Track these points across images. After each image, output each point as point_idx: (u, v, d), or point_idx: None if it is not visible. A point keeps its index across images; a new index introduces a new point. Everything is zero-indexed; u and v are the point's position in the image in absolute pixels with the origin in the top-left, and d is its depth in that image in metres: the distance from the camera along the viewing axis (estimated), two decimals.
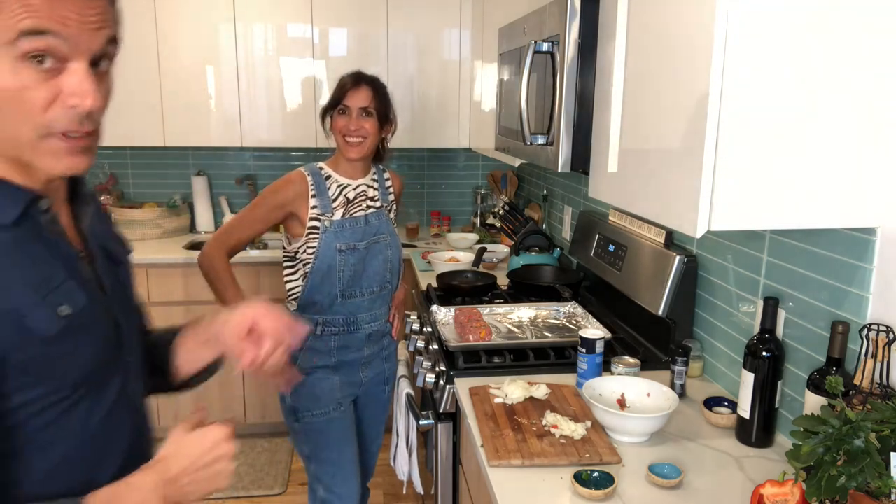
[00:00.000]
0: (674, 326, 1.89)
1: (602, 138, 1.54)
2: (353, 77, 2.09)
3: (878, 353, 1.13)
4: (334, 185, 2.10)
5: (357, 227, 2.09)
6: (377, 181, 2.21)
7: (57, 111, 0.78)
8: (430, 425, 1.89)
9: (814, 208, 1.17)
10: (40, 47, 0.74)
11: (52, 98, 0.77)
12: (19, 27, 0.72)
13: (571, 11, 1.58)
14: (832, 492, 0.98)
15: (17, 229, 0.83)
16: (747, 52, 1.09)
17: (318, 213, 2.05)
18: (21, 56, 0.74)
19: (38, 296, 0.82)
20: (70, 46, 0.76)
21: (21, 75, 0.75)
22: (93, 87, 0.78)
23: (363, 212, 2.12)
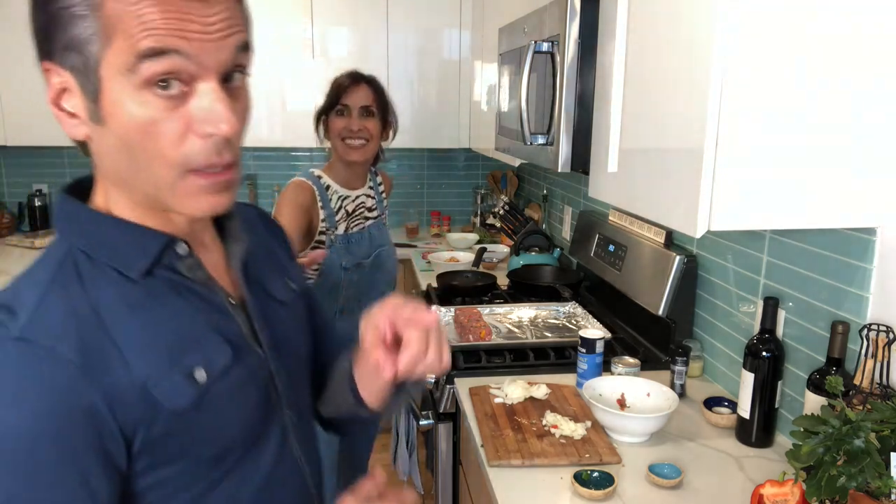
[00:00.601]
0: (674, 326, 1.89)
1: (602, 138, 1.54)
2: (350, 76, 1.97)
3: (878, 353, 1.13)
4: (335, 196, 1.98)
5: (362, 243, 1.99)
6: (373, 189, 2.12)
7: (192, 144, 0.66)
8: (430, 425, 1.89)
9: (814, 208, 1.16)
10: (163, 70, 0.63)
11: (185, 129, 0.65)
12: (137, 49, 0.62)
13: (571, 11, 1.58)
14: (832, 492, 0.98)
15: (150, 280, 0.71)
16: (747, 52, 1.09)
17: (325, 226, 1.95)
18: (144, 83, 0.63)
19: (170, 359, 0.69)
20: (196, 64, 0.64)
21: (147, 106, 0.64)
22: (227, 110, 0.65)
23: (362, 224, 2.02)
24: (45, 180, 3.77)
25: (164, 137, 0.65)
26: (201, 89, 0.65)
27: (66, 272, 0.68)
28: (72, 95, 0.66)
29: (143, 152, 0.66)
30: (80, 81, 0.65)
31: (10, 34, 3.24)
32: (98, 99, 0.65)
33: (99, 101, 0.65)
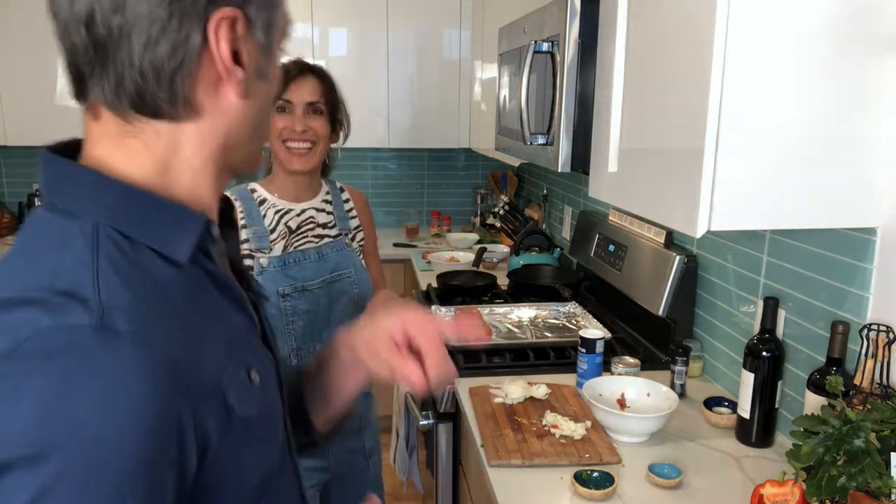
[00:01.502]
0: (674, 326, 1.89)
1: (602, 138, 1.54)
2: (295, 65, 1.59)
3: (878, 353, 1.13)
4: (271, 210, 1.61)
5: (306, 263, 1.61)
6: (331, 203, 1.71)
7: None
8: (430, 425, 1.89)
9: (814, 208, 1.17)
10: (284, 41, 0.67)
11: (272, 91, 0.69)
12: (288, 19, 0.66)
13: (571, 11, 1.58)
14: (832, 492, 0.98)
15: (192, 268, 0.61)
16: (747, 52, 1.09)
17: (251, 249, 1.57)
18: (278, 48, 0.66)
19: (234, 360, 0.60)
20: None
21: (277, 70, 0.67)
22: None
23: (313, 243, 1.63)
24: None
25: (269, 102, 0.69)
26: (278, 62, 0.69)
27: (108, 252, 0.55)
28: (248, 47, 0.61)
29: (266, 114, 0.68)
30: (262, 37, 0.62)
31: (11, 34, 3.24)
32: (270, 57, 0.65)
33: (270, 59, 0.65)
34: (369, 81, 3.48)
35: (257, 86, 0.63)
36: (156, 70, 0.57)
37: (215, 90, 0.61)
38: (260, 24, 0.61)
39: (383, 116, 3.52)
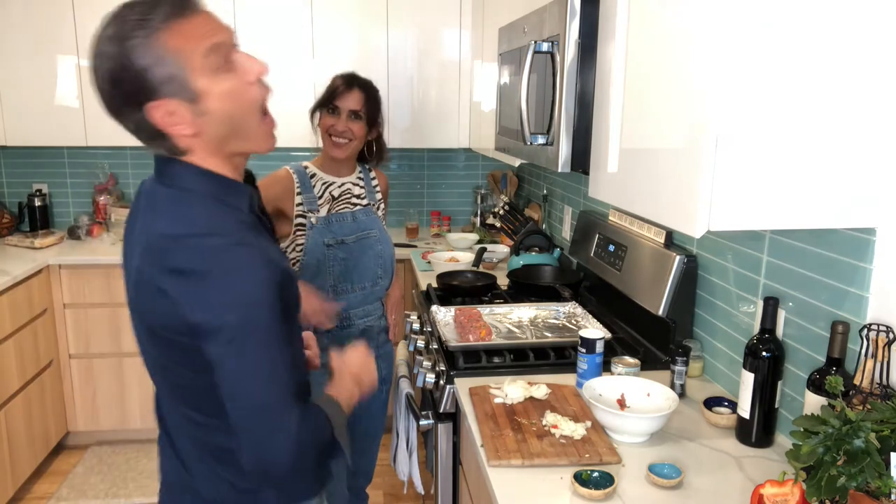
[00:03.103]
0: (674, 326, 1.89)
1: (602, 138, 1.54)
2: (345, 79, 2.09)
3: (878, 353, 1.14)
4: (319, 182, 2.13)
5: (344, 223, 2.12)
6: (363, 179, 2.23)
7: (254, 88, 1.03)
8: (430, 425, 1.89)
9: (814, 208, 1.17)
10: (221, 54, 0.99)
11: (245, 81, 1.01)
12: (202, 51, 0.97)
13: (571, 11, 1.58)
14: (832, 492, 0.98)
15: (251, 214, 1.09)
16: (747, 52, 1.09)
17: (305, 210, 2.07)
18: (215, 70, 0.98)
19: (283, 259, 1.08)
20: (227, 43, 1.00)
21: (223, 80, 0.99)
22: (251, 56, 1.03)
23: (350, 208, 2.15)
24: (45, 180, 3.77)
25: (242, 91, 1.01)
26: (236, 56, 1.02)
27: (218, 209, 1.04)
28: (176, 112, 0.98)
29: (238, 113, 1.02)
30: (181, 97, 0.97)
31: (11, 35, 3.24)
32: (198, 99, 0.98)
33: (198, 100, 0.98)
34: None
35: (201, 119, 1.00)
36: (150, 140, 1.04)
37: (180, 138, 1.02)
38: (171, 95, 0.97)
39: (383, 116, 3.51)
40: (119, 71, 0.95)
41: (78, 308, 3.28)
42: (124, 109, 0.99)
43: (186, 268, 0.97)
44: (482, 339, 1.97)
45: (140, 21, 0.93)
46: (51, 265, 3.22)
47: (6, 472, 2.85)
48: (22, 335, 2.96)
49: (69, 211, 3.81)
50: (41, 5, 3.23)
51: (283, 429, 1.02)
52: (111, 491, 3.09)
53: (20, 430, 2.96)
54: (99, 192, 3.72)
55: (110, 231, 3.57)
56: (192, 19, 0.97)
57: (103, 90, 0.98)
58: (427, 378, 1.89)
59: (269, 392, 1.01)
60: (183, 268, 0.97)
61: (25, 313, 3.00)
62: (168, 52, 0.94)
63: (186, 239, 0.99)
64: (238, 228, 1.02)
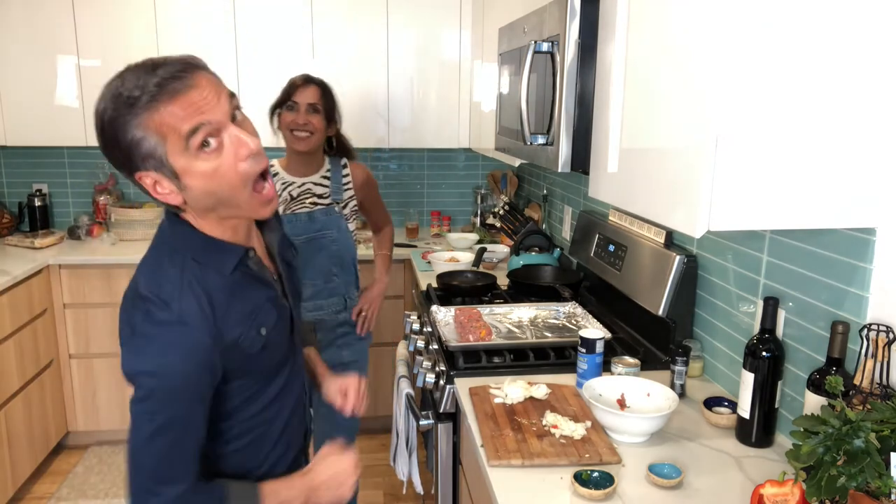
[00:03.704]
0: (674, 326, 1.89)
1: (602, 138, 1.54)
2: (301, 77, 2.22)
3: (878, 353, 1.14)
4: (279, 182, 2.25)
5: (297, 223, 2.21)
6: (330, 178, 2.30)
7: (242, 165, 1.03)
8: (430, 425, 1.89)
9: (814, 208, 1.17)
10: (202, 137, 0.99)
11: (233, 159, 1.02)
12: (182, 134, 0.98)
13: (571, 11, 1.58)
14: (832, 492, 0.98)
15: (234, 275, 1.11)
16: (747, 52, 1.09)
17: None
18: (196, 150, 1.00)
19: (248, 324, 1.11)
20: (215, 123, 1.00)
21: (205, 161, 1.01)
22: (246, 135, 1.03)
23: (308, 208, 2.24)
24: (45, 180, 3.77)
25: (227, 171, 1.03)
26: (226, 134, 1.02)
27: (188, 273, 1.06)
28: (161, 183, 1.03)
29: (221, 189, 1.04)
30: (162, 172, 1.01)
31: (11, 35, 3.24)
32: (178, 176, 1.01)
33: (179, 177, 1.02)
34: (369, 81, 3.48)
35: (185, 193, 1.04)
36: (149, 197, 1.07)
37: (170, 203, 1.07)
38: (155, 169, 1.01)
39: (383, 116, 3.52)
40: (110, 141, 1.00)
41: (78, 308, 3.28)
42: (121, 171, 1.04)
43: (134, 324, 1.04)
44: (482, 339, 1.97)
45: (129, 99, 0.97)
46: (51, 265, 3.22)
47: (6, 472, 2.85)
48: (22, 335, 2.96)
49: (69, 211, 3.81)
50: (41, 5, 3.23)
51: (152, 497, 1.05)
52: (111, 491, 3.09)
53: (20, 430, 2.96)
54: (99, 192, 3.72)
55: (110, 231, 3.57)
56: (179, 99, 0.97)
57: (105, 153, 1.03)
58: (427, 378, 1.89)
59: (152, 459, 1.04)
60: (133, 323, 1.04)
61: (25, 313, 3.00)
62: (149, 132, 0.98)
63: (146, 301, 1.04)
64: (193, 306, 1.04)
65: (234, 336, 1.09)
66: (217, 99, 1.01)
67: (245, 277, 1.13)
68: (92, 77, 3.29)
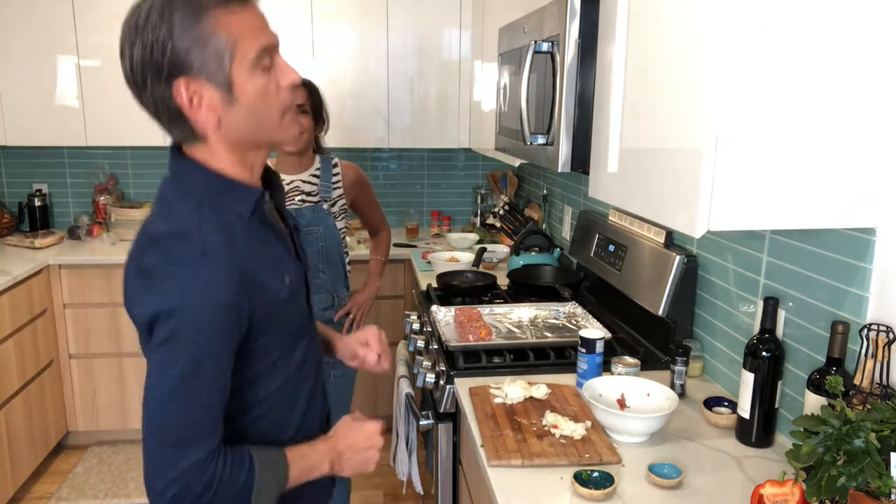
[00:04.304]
0: (674, 326, 1.89)
1: (602, 138, 1.54)
2: None
3: (878, 353, 1.14)
4: None
5: None
6: (319, 176, 2.34)
7: (283, 92, 1.02)
8: (430, 425, 1.89)
9: (814, 208, 1.17)
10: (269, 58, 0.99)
11: (277, 85, 1.01)
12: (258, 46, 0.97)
13: (571, 11, 1.58)
14: (832, 492, 0.98)
15: (252, 219, 1.06)
16: (747, 52, 1.09)
17: None
18: (256, 68, 0.98)
19: (273, 269, 1.05)
20: (276, 45, 1.02)
21: (257, 79, 0.98)
22: (291, 66, 1.04)
23: (296, 206, 2.28)
24: (45, 180, 3.77)
25: (272, 95, 1.01)
26: (277, 59, 1.03)
27: (206, 211, 1.00)
28: (204, 95, 0.96)
29: (263, 111, 1.01)
30: (214, 81, 0.96)
31: (11, 35, 3.23)
32: (230, 88, 0.96)
33: (231, 89, 0.97)
34: (369, 81, 3.48)
35: (227, 109, 0.98)
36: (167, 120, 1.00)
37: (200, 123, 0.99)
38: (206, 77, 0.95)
39: (383, 116, 3.52)
40: (161, 39, 0.91)
41: (78, 308, 3.28)
42: (151, 82, 0.94)
43: (149, 268, 0.96)
44: (482, 339, 1.97)
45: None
46: (51, 265, 3.22)
47: (6, 472, 2.85)
48: (22, 335, 2.96)
49: (69, 211, 3.81)
50: (41, 5, 3.22)
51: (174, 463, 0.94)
52: (111, 491, 3.09)
53: (20, 430, 2.96)
54: (99, 192, 3.72)
55: (110, 231, 3.57)
56: (252, 9, 0.97)
57: (134, 58, 0.94)
58: (427, 378, 1.89)
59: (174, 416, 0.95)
60: (146, 267, 0.97)
61: (25, 313, 3.00)
62: (222, 30, 0.93)
63: (160, 241, 0.97)
64: (215, 238, 0.98)
65: (261, 279, 1.01)
66: (269, 27, 1.01)
67: (262, 225, 1.07)
68: (92, 77, 3.29)
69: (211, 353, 0.96)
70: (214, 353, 0.96)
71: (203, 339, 0.95)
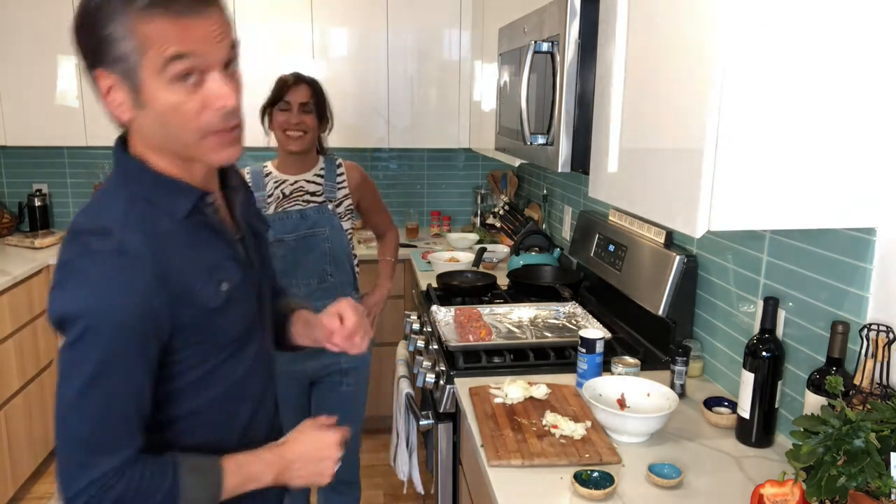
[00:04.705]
0: (674, 326, 1.89)
1: (602, 138, 1.54)
2: (291, 76, 2.19)
3: (878, 353, 1.13)
4: (272, 181, 2.22)
5: (288, 221, 2.17)
6: (324, 176, 2.27)
7: (208, 115, 0.94)
8: (430, 425, 1.89)
9: (814, 208, 1.16)
10: (184, 68, 0.90)
11: (202, 106, 0.93)
12: (165, 56, 0.89)
13: (571, 11, 1.58)
14: (832, 492, 0.98)
15: (189, 221, 1.00)
16: (747, 52, 1.09)
17: None
18: (172, 78, 0.90)
19: (206, 275, 0.99)
20: (205, 61, 0.92)
21: (175, 94, 0.91)
22: (230, 89, 0.95)
23: (301, 206, 2.20)
24: (45, 180, 3.77)
25: (188, 114, 0.93)
26: (211, 77, 0.93)
27: (136, 209, 0.95)
28: (118, 91, 0.93)
29: (174, 126, 0.94)
30: (125, 81, 0.92)
31: (10, 35, 3.23)
32: (139, 92, 0.92)
33: (140, 93, 0.92)
34: (369, 81, 3.48)
35: (138, 111, 0.94)
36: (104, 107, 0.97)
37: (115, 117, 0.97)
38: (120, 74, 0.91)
39: (383, 116, 3.52)
40: (87, 25, 0.91)
41: None
42: (85, 65, 0.95)
43: (63, 262, 0.93)
44: (482, 339, 1.97)
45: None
46: (51, 265, 3.21)
47: (6, 472, 2.85)
48: (22, 335, 2.96)
49: (69, 211, 3.81)
50: (41, 5, 3.23)
51: (83, 473, 0.91)
52: None
53: (20, 430, 2.96)
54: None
55: None
56: (181, 20, 0.89)
57: (77, 38, 0.94)
58: (427, 378, 1.89)
59: (82, 424, 0.90)
60: (61, 262, 0.93)
61: (25, 313, 3.00)
62: (132, 36, 0.88)
63: (80, 235, 0.93)
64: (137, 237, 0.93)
65: (189, 284, 0.96)
66: (220, 39, 0.93)
67: (202, 228, 1.02)
68: None
69: (120, 358, 0.91)
70: (124, 358, 0.91)
71: (111, 344, 0.90)
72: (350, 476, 2.38)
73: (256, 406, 1.14)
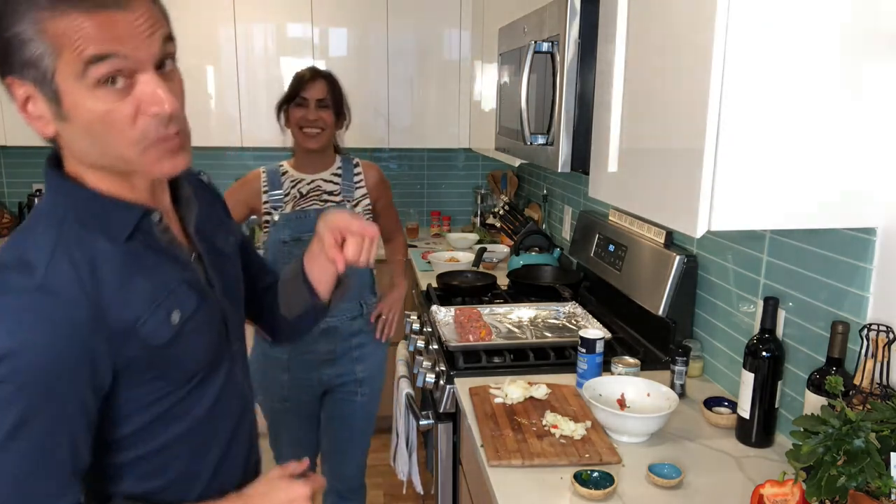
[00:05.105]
0: (674, 326, 1.89)
1: (602, 138, 1.54)
2: (308, 71, 2.13)
3: (878, 353, 1.13)
4: (288, 180, 2.16)
5: (306, 220, 2.10)
6: (341, 175, 2.19)
7: (143, 122, 0.82)
8: (430, 425, 1.89)
9: (814, 208, 1.16)
10: (107, 71, 0.78)
11: (135, 112, 0.82)
12: (83, 57, 0.77)
13: (571, 11, 1.58)
14: (832, 492, 0.98)
15: (131, 243, 0.88)
16: (747, 52, 1.09)
17: (270, 208, 2.12)
18: (94, 83, 0.78)
19: (152, 306, 0.88)
20: (133, 61, 0.80)
21: (101, 101, 0.79)
22: (166, 92, 0.82)
23: (319, 205, 2.15)
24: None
25: (120, 123, 0.81)
26: (142, 79, 0.81)
27: (66, 236, 0.84)
28: (36, 101, 0.81)
29: (106, 137, 0.82)
30: (42, 90, 0.79)
31: None
32: (59, 102, 0.80)
33: (60, 103, 0.80)
34: (369, 81, 3.48)
35: (64, 126, 0.82)
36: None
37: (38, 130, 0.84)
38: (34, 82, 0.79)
39: (383, 116, 3.53)
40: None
41: None
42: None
43: None
44: (482, 339, 1.97)
45: None
46: None
47: None
48: None
49: None
50: None
51: None
52: None
53: None
54: None
55: None
56: (99, 14, 0.76)
57: None
58: (427, 378, 1.89)
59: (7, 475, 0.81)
60: None
61: None
62: (41, 37, 0.76)
63: (5, 271, 0.82)
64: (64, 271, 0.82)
65: (130, 318, 0.85)
66: (149, 34, 0.80)
67: (148, 249, 0.90)
68: None
69: (48, 405, 0.81)
70: (53, 405, 0.81)
71: (36, 390, 0.79)
72: (357, 482, 2.36)
73: (229, 439, 1.04)
